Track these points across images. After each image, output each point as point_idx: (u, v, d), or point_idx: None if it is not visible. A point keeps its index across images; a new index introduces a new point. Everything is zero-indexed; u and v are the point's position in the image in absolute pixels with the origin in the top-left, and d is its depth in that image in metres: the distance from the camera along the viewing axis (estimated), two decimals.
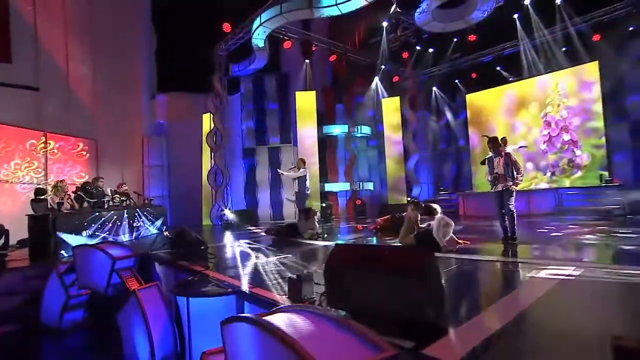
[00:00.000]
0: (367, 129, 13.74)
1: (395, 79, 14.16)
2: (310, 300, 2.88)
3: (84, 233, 7.20)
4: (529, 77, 12.63)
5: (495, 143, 5.59)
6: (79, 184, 9.23)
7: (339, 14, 9.05)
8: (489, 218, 8.77)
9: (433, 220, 5.25)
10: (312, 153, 12.07)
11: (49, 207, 7.17)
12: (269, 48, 11.21)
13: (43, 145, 10.50)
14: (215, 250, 6.15)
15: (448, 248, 4.99)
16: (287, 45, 11.27)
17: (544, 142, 12.38)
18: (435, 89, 15.01)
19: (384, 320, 2.20)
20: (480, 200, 11.24)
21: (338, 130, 13.21)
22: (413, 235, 5.41)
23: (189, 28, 12.15)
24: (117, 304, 4.26)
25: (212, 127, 11.97)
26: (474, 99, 14.28)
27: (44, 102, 10.54)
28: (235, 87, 12.60)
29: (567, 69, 11.90)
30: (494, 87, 13.62)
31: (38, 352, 4.97)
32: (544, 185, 11.98)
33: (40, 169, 10.40)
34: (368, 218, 11.55)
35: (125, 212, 8.57)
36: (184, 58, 12.26)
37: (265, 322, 1.51)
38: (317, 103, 12.41)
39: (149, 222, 9.58)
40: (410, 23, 10.43)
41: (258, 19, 9.88)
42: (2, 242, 6.87)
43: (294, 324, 1.61)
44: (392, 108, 13.63)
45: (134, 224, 8.86)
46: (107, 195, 8.73)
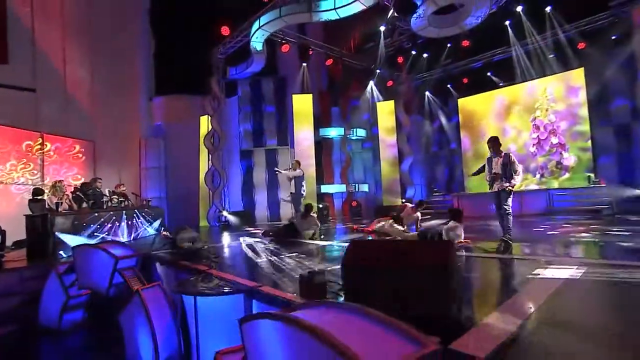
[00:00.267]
0: (362, 132, 13.96)
1: (390, 84, 14.46)
2: (326, 298, 2.82)
3: (83, 233, 7.16)
4: (519, 82, 13.05)
5: (495, 143, 5.48)
6: (77, 185, 9.17)
7: (337, 18, 9.25)
8: (484, 218, 8.96)
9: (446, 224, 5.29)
10: (308, 155, 12.24)
11: (47, 207, 7.12)
12: (266, 51, 11.39)
13: (39, 147, 10.42)
14: (217, 250, 6.17)
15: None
16: (285, 49, 11.44)
17: (533, 145, 12.77)
18: (428, 94, 15.37)
19: (405, 316, 2.15)
20: (475, 201, 11.50)
21: (334, 133, 13.41)
22: (417, 234, 5.52)
23: (187, 31, 12.24)
24: (119, 304, 4.24)
25: (209, 129, 12.04)
26: (466, 104, 14.66)
27: (41, 103, 10.50)
28: (233, 89, 12.71)
29: (554, 75, 12.35)
30: (485, 92, 14.03)
31: (37, 353, 4.92)
32: (534, 187, 12.33)
33: (36, 171, 10.32)
34: (364, 219, 11.69)
35: (124, 213, 8.54)
36: (182, 61, 12.33)
37: (296, 318, 1.39)
38: (313, 106, 12.59)
39: (147, 223, 9.55)
40: (406, 28, 10.72)
41: (257, 22, 10.02)
42: None
43: (326, 320, 1.49)
44: (386, 111, 13.90)
45: (132, 225, 8.84)
46: (105, 196, 8.69)
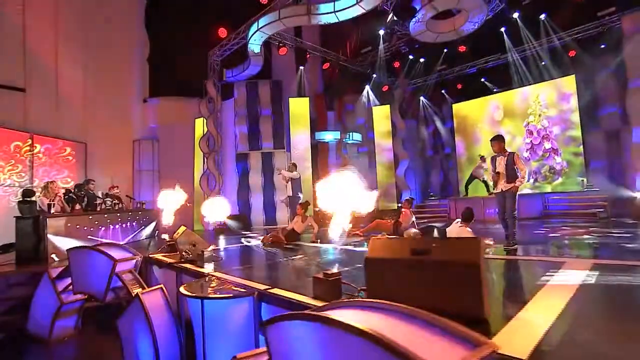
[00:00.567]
0: (358, 136, 13.98)
1: (385, 88, 14.54)
2: (341, 299, 2.70)
3: (76, 236, 6.94)
4: (512, 88, 13.29)
5: (499, 141, 5.33)
6: (68, 188, 8.93)
7: (336, 22, 9.27)
8: (479, 221, 9.07)
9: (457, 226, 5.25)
10: (305, 158, 12.20)
11: (38, 208, 6.91)
12: (263, 54, 11.34)
13: (28, 148, 10.13)
14: (219, 253, 6.04)
15: None
16: (282, 52, 11.42)
17: (527, 150, 12.97)
18: (423, 99, 15.51)
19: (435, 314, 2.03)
20: (470, 205, 11.54)
21: (330, 137, 13.39)
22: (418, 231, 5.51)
23: (183, 33, 12.12)
24: (117, 309, 4.11)
25: (205, 131, 11.90)
26: (460, 109, 14.84)
27: (31, 103, 10.22)
28: (229, 92, 12.60)
29: (547, 82, 12.61)
30: (479, 97, 14.23)
31: None
32: (528, 191, 12.50)
33: (24, 173, 10.04)
34: (360, 223, 11.65)
35: (118, 215, 8.35)
36: (177, 62, 12.20)
37: (334, 318, 1.27)
38: (309, 109, 12.55)
39: (142, 225, 9.35)
40: (404, 33, 10.82)
41: (256, 25, 9.99)
42: None
43: (366, 320, 1.34)
44: (382, 116, 13.95)
45: (127, 228, 8.63)
46: (98, 198, 8.49)
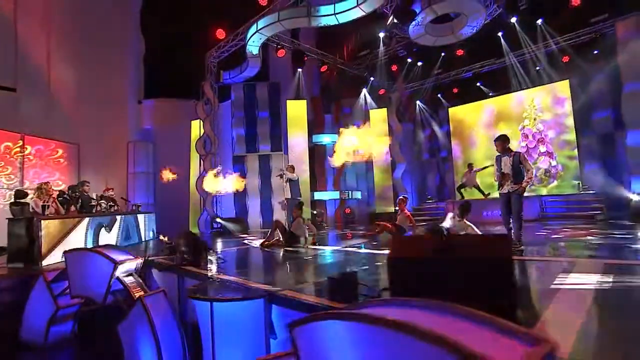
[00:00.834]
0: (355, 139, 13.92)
1: (382, 92, 14.56)
2: (357, 300, 2.67)
3: (72, 238, 6.74)
4: (507, 92, 13.43)
5: (504, 141, 5.23)
6: (61, 190, 8.70)
7: (336, 24, 9.26)
8: (477, 223, 9.08)
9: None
10: (302, 161, 12.14)
11: (32, 210, 6.72)
12: (261, 56, 11.27)
13: (19, 149, 9.86)
14: (221, 255, 5.93)
15: None
16: (281, 54, 11.36)
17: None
18: (419, 103, 15.59)
19: None
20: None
21: (328, 140, 13.33)
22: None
23: (179, 33, 12.00)
24: (115, 313, 4.01)
25: (201, 133, 11.74)
26: (456, 113, 14.94)
27: (22, 103, 9.98)
28: (226, 94, 12.48)
29: (541, 86, 12.78)
30: (475, 101, 14.35)
31: None
32: (524, 194, 12.57)
33: (14, 176, 9.76)
34: (358, 226, 11.63)
35: (115, 217, 8.16)
36: (173, 64, 12.06)
37: (378, 316, 1.22)
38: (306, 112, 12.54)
39: (137, 229, 9.14)
40: (403, 36, 10.86)
41: (255, 26, 9.92)
42: None
43: (409, 317, 1.26)
44: (379, 119, 13.95)
45: (122, 231, 8.42)
46: (93, 200, 8.28)
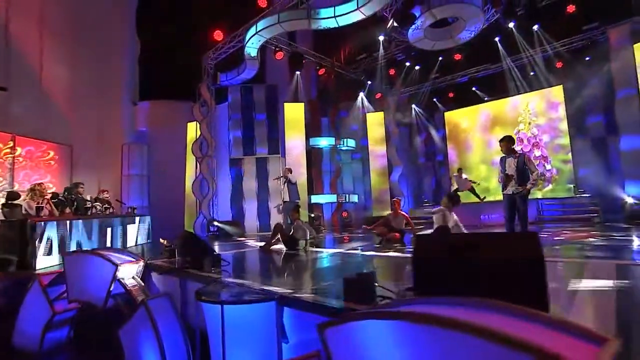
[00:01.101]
0: (352, 142, 13.94)
1: (378, 96, 14.62)
2: (376, 302, 2.58)
3: (67, 241, 6.55)
4: (502, 97, 13.60)
5: (508, 142, 5.20)
6: (54, 192, 8.50)
7: (336, 27, 9.25)
8: (473, 227, 9.22)
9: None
10: (300, 164, 12.05)
11: (24, 212, 6.53)
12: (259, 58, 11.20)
13: (9, 150, 9.59)
14: (224, 258, 5.81)
15: None
16: (279, 56, 11.31)
17: None
18: (415, 107, 15.70)
19: None
20: (465, 210, 11.65)
21: (325, 143, 13.30)
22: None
23: (176, 34, 11.88)
24: (116, 318, 3.85)
25: (198, 135, 11.59)
26: (452, 117, 15.07)
27: (13, 103, 9.72)
28: (223, 96, 12.36)
29: (536, 91, 12.98)
30: (470, 106, 14.50)
31: None
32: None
33: (2, 178, 9.48)
34: (356, 229, 11.58)
35: (111, 220, 7.98)
36: (169, 65, 11.92)
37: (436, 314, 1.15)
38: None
39: (133, 231, 8.93)
40: (402, 40, 10.91)
41: (254, 27, 9.85)
42: None
43: (460, 316, 1.22)
44: (376, 123, 13.98)
45: (119, 233, 8.21)
46: (88, 202, 8.10)
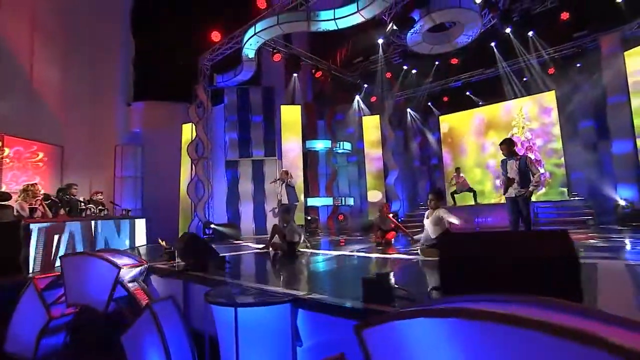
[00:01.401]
0: (348, 145, 13.94)
1: (373, 99, 14.67)
2: (394, 303, 2.55)
3: (63, 243, 6.34)
4: (496, 101, 13.80)
5: (509, 145, 5.17)
6: (46, 193, 8.24)
7: (335, 29, 9.25)
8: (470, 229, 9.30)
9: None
10: (296, 166, 11.96)
11: (16, 213, 6.32)
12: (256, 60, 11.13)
13: None
14: (227, 260, 5.70)
15: None
16: (277, 58, 11.25)
17: None
18: (410, 110, 15.80)
19: None
20: (462, 213, 11.74)
21: (321, 146, 13.27)
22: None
23: (171, 35, 11.73)
24: (117, 322, 3.80)
25: (193, 137, 11.42)
26: (447, 121, 15.20)
27: (2, 102, 9.44)
28: (219, 98, 12.24)
29: (529, 96, 13.21)
30: (465, 110, 14.67)
31: None
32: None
33: None
34: (352, 232, 11.56)
35: (106, 221, 7.76)
36: (165, 66, 11.76)
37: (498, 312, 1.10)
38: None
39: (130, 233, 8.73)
40: (400, 44, 10.98)
41: (253, 29, 9.79)
42: None
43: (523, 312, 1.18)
44: (372, 126, 14.00)
45: (115, 235, 8.00)
46: (82, 203, 7.89)
